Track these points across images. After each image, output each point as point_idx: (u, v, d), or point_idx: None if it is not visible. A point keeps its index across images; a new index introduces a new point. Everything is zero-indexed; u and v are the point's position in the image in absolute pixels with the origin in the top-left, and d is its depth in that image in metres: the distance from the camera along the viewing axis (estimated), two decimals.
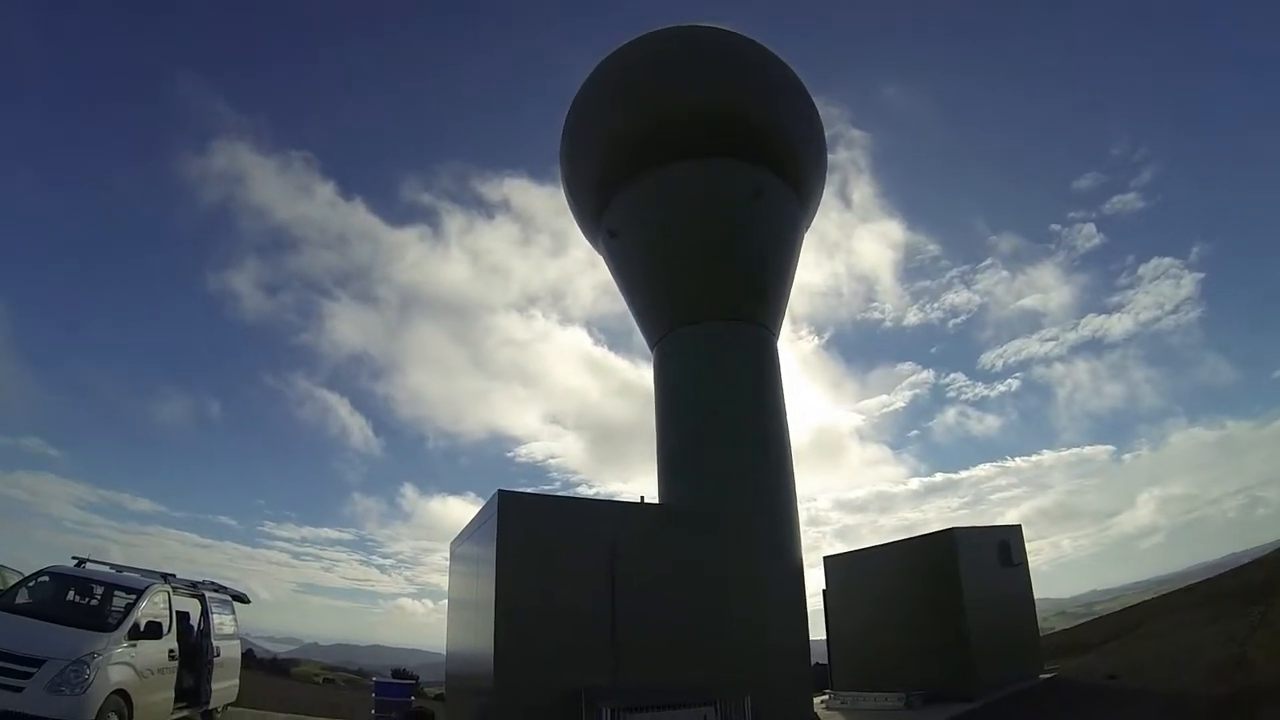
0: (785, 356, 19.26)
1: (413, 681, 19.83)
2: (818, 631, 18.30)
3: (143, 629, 11.28)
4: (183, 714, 12.94)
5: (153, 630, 11.45)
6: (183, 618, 13.41)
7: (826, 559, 20.67)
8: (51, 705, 9.41)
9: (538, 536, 11.45)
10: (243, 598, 16.36)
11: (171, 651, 12.26)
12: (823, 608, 20.06)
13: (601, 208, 19.40)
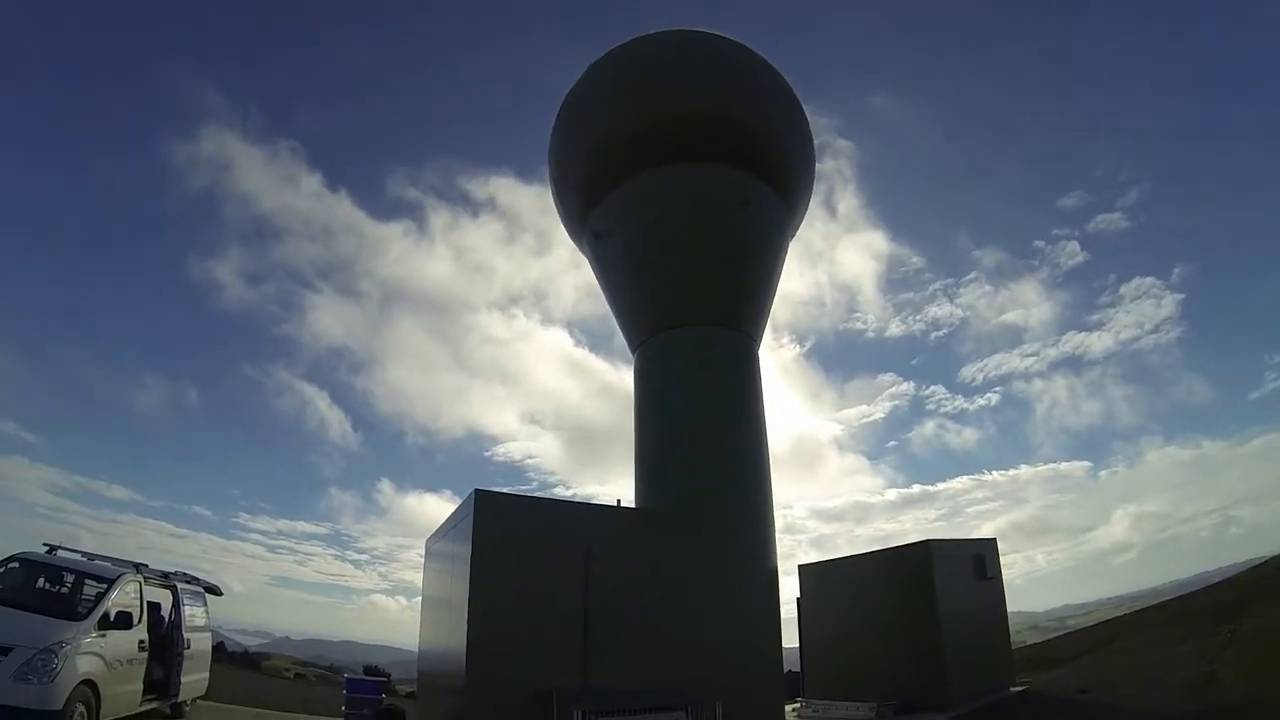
0: (766, 364, 19.34)
1: (384, 679, 19.73)
2: (791, 639, 18.32)
3: (113, 619, 11.20)
4: (151, 706, 12.85)
5: (123, 620, 11.38)
6: (154, 608, 13.34)
7: (801, 567, 20.68)
8: (18, 694, 9.30)
9: (513, 537, 11.47)
10: (215, 590, 16.26)
11: (141, 642, 12.19)
12: (796, 615, 20.08)
13: (588, 209, 19.39)
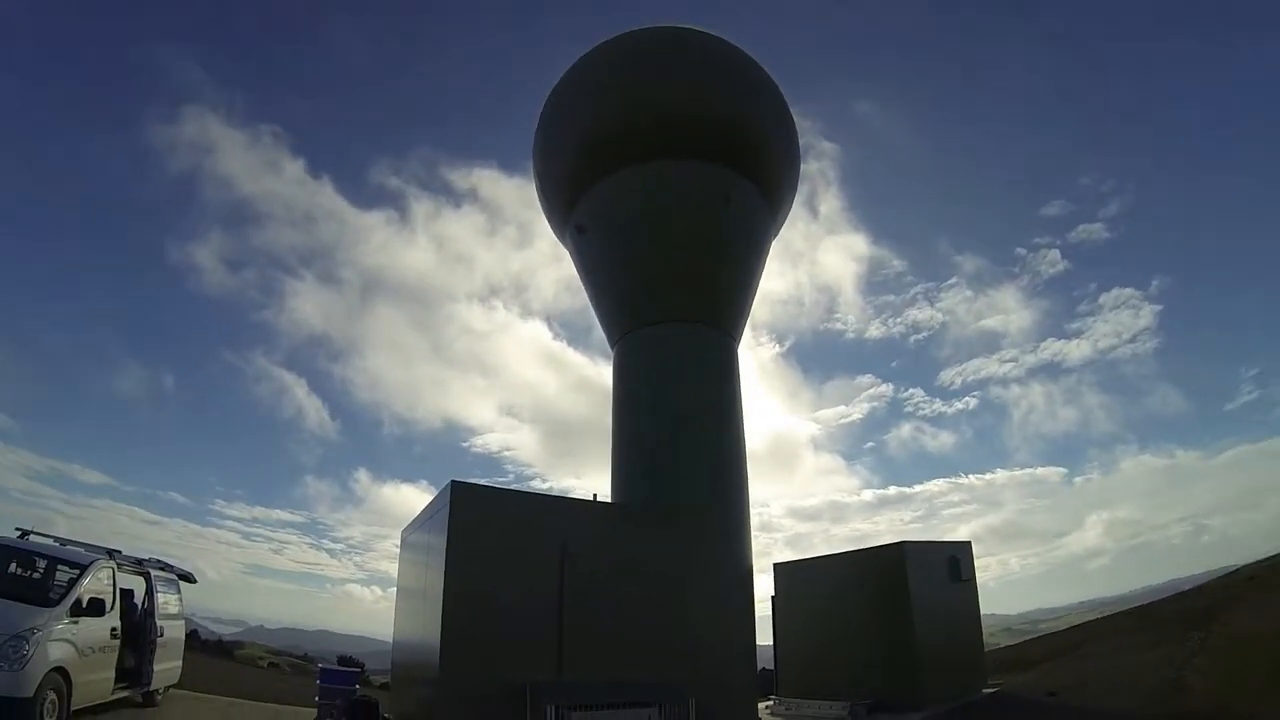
0: (744, 362, 19.46)
1: (358, 670, 19.64)
2: (765, 637, 18.42)
3: (85, 606, 11.05)
4: (123, 694, 12.75)
5: (95, 607, 11.25)
6: (127, 595, 13.18)
7: (777, 565, 20.83)
8: None
9: (489, 529, 11.52)
10: (189, 577, 16.13)
11: (114, 630, 12.06)
12: (771, 613, 20.17)
13: (572, 203, 19.40)
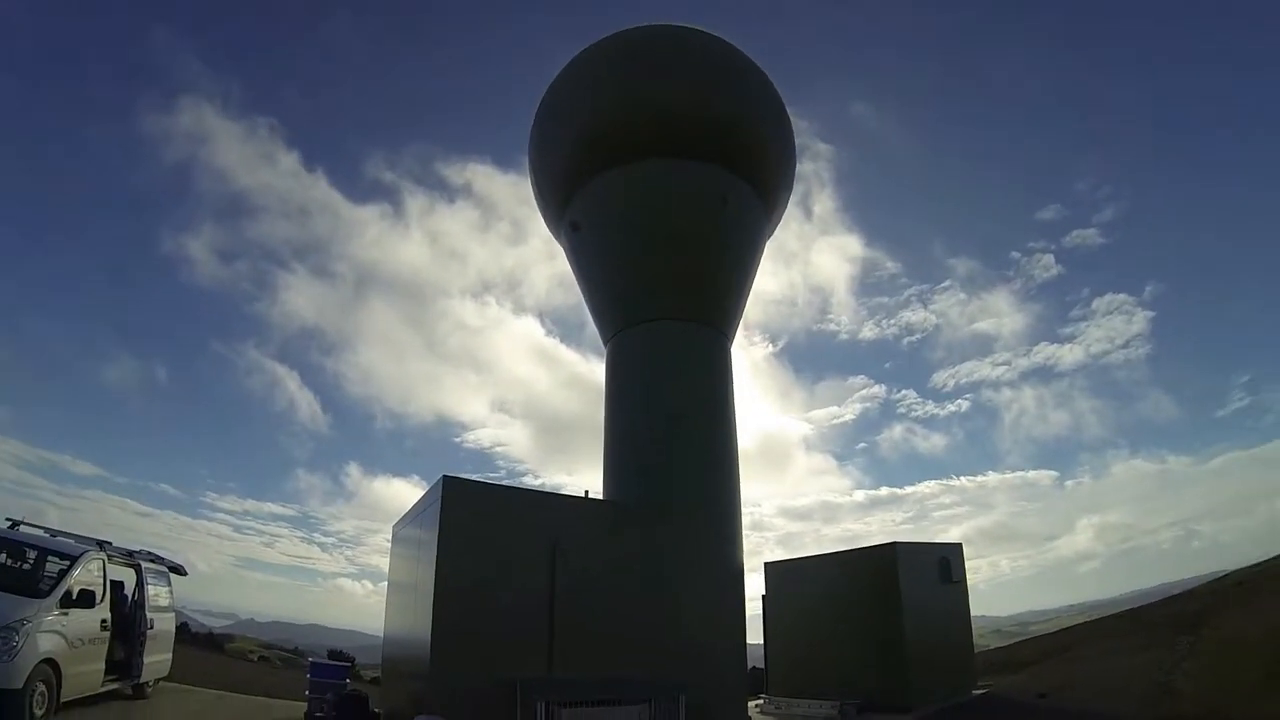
0: (737, 361, 19.46)
1: (348, 664, 19.64)
2: (756, 636, 18.45)
3: (75, 597, 11.08)
4: (113, 686, 12.74)
5: (85, 599, 11.26)
6: (117, 587, 13.19)
7: (768, 565, 20.88)
8: None
9: (481, 525, 11.54)
10: (180, 570, 16.13)
11: (104, 622, 12.07)
12: (762, 612, 20.21)
13: (567, 200, 19.35)
